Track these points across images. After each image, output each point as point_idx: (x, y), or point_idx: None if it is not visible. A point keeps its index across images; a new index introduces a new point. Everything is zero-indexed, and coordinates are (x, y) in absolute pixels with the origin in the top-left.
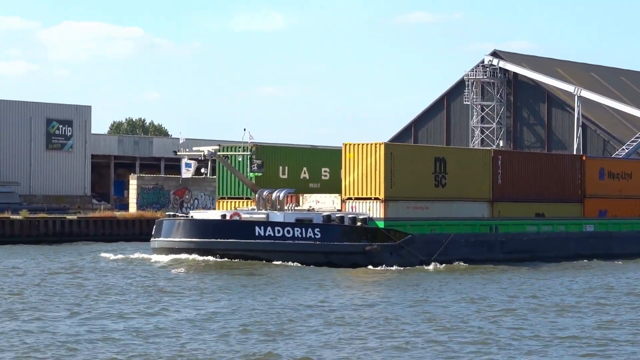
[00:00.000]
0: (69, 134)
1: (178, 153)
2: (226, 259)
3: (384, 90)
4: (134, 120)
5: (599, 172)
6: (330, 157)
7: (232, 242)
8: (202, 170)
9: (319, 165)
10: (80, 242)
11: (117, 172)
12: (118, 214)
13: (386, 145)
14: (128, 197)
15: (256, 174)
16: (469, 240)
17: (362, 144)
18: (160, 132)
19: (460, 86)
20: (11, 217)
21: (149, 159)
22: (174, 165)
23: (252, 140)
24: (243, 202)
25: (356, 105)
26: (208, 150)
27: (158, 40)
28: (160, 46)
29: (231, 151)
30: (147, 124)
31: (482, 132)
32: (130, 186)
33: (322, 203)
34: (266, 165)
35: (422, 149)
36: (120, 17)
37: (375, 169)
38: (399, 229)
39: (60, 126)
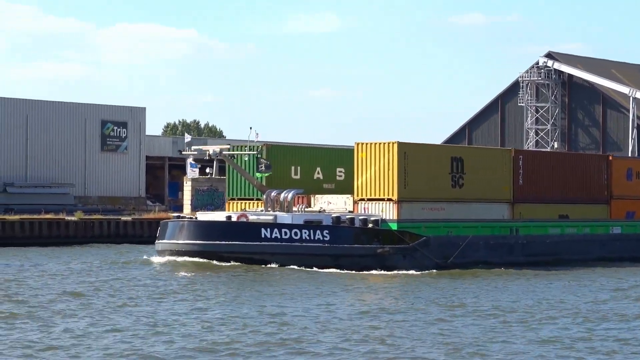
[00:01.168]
0: (124, 135)
1: (183, 152)
2: (229, 262)
3: (438, 91)
4: (188, 122)
5: (627, 173)
6: (345, 157)
7: (237, 245)
8: (207, 170)
9: (334, 165)
10: (132, 244)
11: (171, 174)
12: (172, 215)
13: (399, 144)
14: (182, 198)
15: (264, 174)
16: (487, 242)
17: (375, 143)
18: (215, 133)
19: (514, 88)
20: (66, 218)
21: (203, 161)
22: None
23: (258, 140)
24: (253, 203)
25: (410, 107)
26: (213, 150)
27: (212, 42)
28: (215, 48)
29: (240, 150)
30: (202, 126)
31: (536, 133)
32: (185, 187)
33: (333, 204)
34: (277, 165)
35: (437, 148)
36: (175, 19)
37: (389, 169)
38: (413, 231)
39: (115, 128)
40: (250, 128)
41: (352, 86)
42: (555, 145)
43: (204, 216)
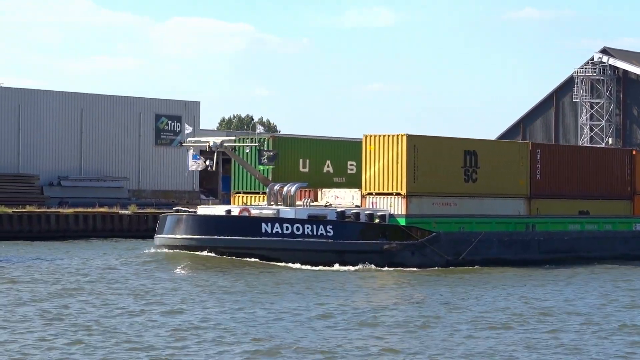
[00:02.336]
0: (178, 129)
1: (184, 144)
2: (224, 257)
3: (492, 87)
4: (242, 116)
5: None
6: (357, 150)
7: (237, 240)
8: (207, 162)
9: (345, 158)
10: None
11: (225, 168)
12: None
13: (409, 136)
14: None
15: (267, 166)
16: (501, 239)
17: (383, 135)
18: (269, 128)
19: (569, 83)
20: (120, 212)
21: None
22: None
23: (261, 131)
24: (259, 197)
25: (464, 102)
26: (214, 142)
27: (267, 36)
28: (270, 42)
29: (244, 142)
30: (256, 120)
31: (591, 129)
32: None
33: (341, 198)
34: (285, 158)
35: (449, 141)
36: (229, 14)
37: (397, 162)
38: (423, 227)
39: (169, 122)
40: (252, 119)
41: (406, 81)
42: (610, 142)
43: (204, 210)
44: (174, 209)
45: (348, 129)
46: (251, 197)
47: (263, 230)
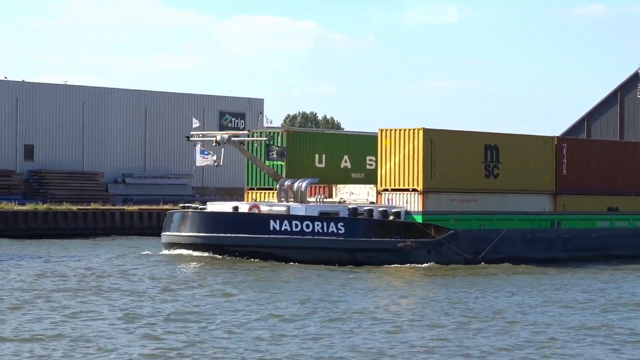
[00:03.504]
0: (242, 126)
1: (191, 139)
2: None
3: (556, 83)
4: (307, 113)
5: None
6: (376, 145)
7: (244, 238)
8: (214, 158)
9: (363, 153)
10: None
11: None
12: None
13: (425, 130)
14: None
15: (276, 162)
16: (524, 236)
17: (399, 129)
18: (333, 125)
19: (634, 79)
20: None
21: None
22: None
23: (269, 125)
24: (272, 193)
25: (528, 99)
26: (221, 136)
27: (332, 34)
28: (334, 40)
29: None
30: (320, 117)
31: None
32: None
33: (356, 195)
34: (300, 153)
35: (469, 135)
36: (294, 11)
37: (414, 157)
38: (441, 224)
39: (233, 119)
40: (260, 113)
41: (470, 78)
42: None
43: (213, 207)
44: (180, 205)
45: (412, 126)
46: (264, 193)
47: (271, 228)
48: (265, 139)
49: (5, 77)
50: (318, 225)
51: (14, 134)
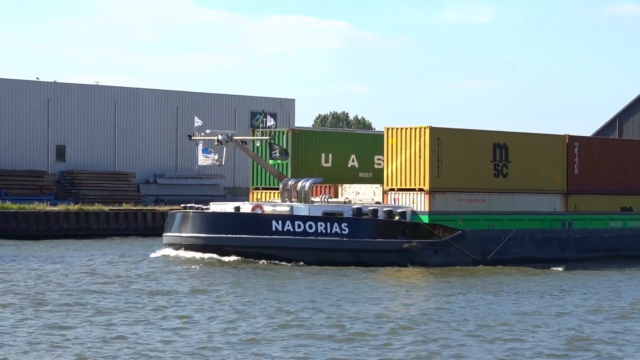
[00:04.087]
0: (273, 127)
1: (193, 137)
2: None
3: (589, 82)
4: (338, 113)
5: None
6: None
7: (245, 238)
8: (216, 157)
9: (371, 153)
10: None
11: None
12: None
13: (432, 129)
14: None
15: (279, 161)
16: (534, 237)
17: (405, 128)
18: (364, 125)
19: None
20: None
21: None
22: None
23: (271, 124)
24: (278, 193)
25: (560, 98)
26: (223, 135)
27: (364, 33)
28: (366, 39)
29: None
30: (351, 117)
31: None
32: None
33: (362, 194)
34: (306, 152)
35: (477, 133)
36: (326, 11)
37: (420, 156)
38: (448, 224)
39: (265, 119)
40: (263, 111)
41: (503, 77)
42: None
43: (217, 207)
44: (182, 205)
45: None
46: (269, 193)
47: (273, 229)
48: (267, 138)
49: (37, 78)
50: (321, 225)
51: (45, 134)
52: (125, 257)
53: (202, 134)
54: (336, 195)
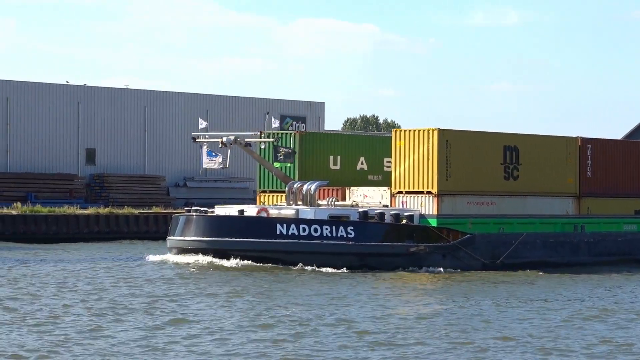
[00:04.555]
0: (303, 130)
1: (197, 140)
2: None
3: (617, 85)
4: (367, 117)
5: None
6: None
7: (249, 242)
8: (220, 159)
9: (380, 155)
10: None
11: None
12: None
13: (440, 130)
14: None
15: (284, 164)
16: (546, 240)
17: (413, 130)
18: (394, 128)
19: None
20: None
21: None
22: None
23: (275, 126)
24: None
25: (589, 101)
26: (227, 137)
27: (393, 36)
28: (395, 43)
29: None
30: (381, 120)
31: None
32: None
33: (370, 197)
34: (314, 155)
35: (486, 135)
36: (355, 14)
37: (428, 159)
38: (457, 228)
39: (294, 122)
40: (267, 113)
41: (532, 80)
42: None
43: (221, 210)
44: (185, 208)
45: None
46: (276, 196)
47: (278, 232)
48: (272, 140)
49: (67, 82)
50: (327, 229)
51: (75, 138)
52: (119, 262)
53: (207, 136)
54: (343, 199)
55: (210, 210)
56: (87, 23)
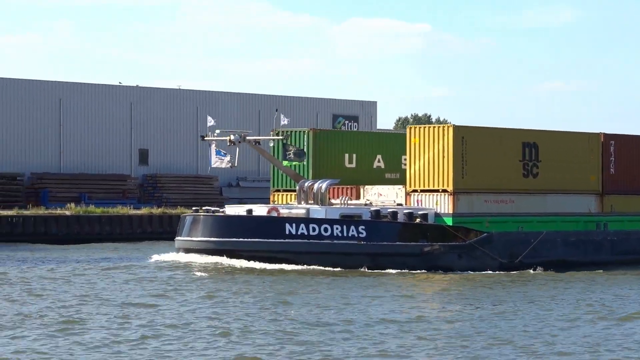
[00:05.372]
0: (355, 129)
1: (206, 138)
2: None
3: None
4: (419, 116)
5: None
6: None
7: (257, 242)
8: (228, 158)
9: (399, 153)
10: None
11: None
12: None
13: (455, 127)
14: None
15: (294, 162)
16: (567, 239)
17: (429, 127)
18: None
19: None
20: None
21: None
22: None
23: (284, 123)
24: None
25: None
26: (235, 135)
27: (446, 36)
28: (449, 42)
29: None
30: (433, 120)
31: None
32: None
33: (384, 196)
34: (328, 152)
35: (504, 132)
36: (408, 14)
37: (443, 156)
38: (473, 227)
39: (347, 122)
40: (277, 110)
41: (586, 79)
42: None
43: (231, 210)
44: (193, 208)
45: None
46: (290, 195)
47: (287, 232)
48: (281, 138)
49: (120, 83)
50: (337, 228)
51: (128, 138)
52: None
53: (215, 134)
54: (358, 197)
55: (221, 209)
56: (140, 24)
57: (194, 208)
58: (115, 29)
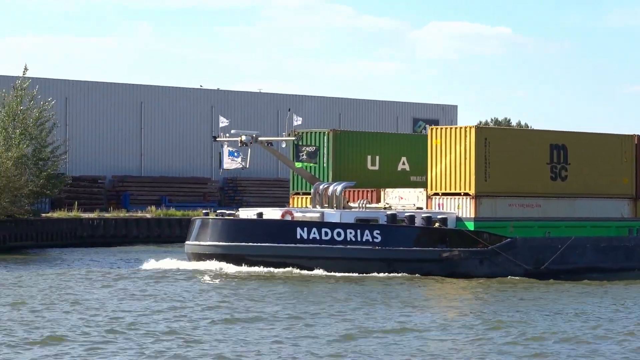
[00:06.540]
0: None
1: (218, 139)
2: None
3: None
4: (499, 119)
5: None
6: None
7: (267, 247)
8: (240, 159)
9: (424, 155)
10: None
11: None
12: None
13: (478, 128)
14: None
15: (307, 164)
16: (597, 245)
17: (450, 128)
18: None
19: None
20: None
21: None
22: None
23: (297, 123)
24: None
25: None
26: (246, 136)
27: (527, 39)
28: (530, 45)
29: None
30: (514, 123)
31: None
32: None
33: (405, 199)
34: (349, 154)
35: (529, 133)
36: (488, 17)
37: (465, 158)
38: (496, 232)
39: (427, 126)
40: (289, 110)
41: None
42: None
43: (244, 213)
44: (203, 212)
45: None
46: (309, 198)
47: (298, 236)
48: (293, 139)
49: (201, 86)
50: (351, 233)
51: (209, 141)
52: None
53: (228, 134)
54: (378, 201)
55: (236, 213)
56: (221, 27)
57: (204, 211)
58: (196, 32)
